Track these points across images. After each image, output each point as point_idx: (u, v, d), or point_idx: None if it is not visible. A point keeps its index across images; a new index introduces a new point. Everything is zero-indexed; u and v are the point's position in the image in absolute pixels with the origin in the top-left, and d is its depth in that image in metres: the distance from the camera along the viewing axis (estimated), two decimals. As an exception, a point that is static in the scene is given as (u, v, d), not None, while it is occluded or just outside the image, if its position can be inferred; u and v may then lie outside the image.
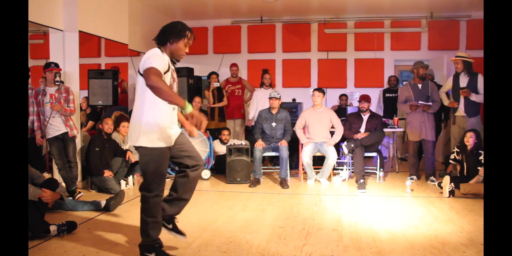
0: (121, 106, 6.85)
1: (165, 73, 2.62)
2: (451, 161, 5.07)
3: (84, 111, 6.83)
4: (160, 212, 2.85)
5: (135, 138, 2.71)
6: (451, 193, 4.74)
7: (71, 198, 4.58)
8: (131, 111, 6.81)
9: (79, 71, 5.34)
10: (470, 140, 4.99)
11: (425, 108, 5.59)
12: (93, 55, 8.03)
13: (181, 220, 3.81)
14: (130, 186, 5.38)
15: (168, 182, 3.03)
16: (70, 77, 5.23)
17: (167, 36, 2.74)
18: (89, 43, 7.87)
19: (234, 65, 7.58)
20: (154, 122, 2.67)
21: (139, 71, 2.65)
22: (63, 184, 4.59)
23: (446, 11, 7.62)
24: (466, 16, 7.72)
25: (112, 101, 6.46)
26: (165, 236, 3.37)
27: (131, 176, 5.43)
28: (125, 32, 6.32)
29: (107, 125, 5.20)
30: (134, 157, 5.46)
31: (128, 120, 5.76)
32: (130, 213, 4.11)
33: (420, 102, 5.56)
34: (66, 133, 4.74)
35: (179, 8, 7.67)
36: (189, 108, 2.49)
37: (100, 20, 5.69)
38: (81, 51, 5.31)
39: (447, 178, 4.86)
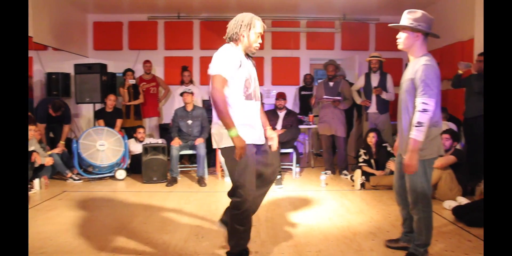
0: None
1: (239, 68, 2.58)
2: (360, 164, 5.30)
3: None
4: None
5: (221, 139, 2.63)
6: (362, 185, 5.01)
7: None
8: (37, 109, 6.32)
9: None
10: (373, 140, 5.28)
11: (336, 104, 5.85)
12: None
13: (94, 223, 3.63)
14: (36, 190, 4.97)
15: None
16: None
17: (236, 29, 2.65)
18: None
19: (147, 61, 7.37)
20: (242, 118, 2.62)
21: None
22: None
23: (358, 14, 8.01)
24: (375, 20, 8.17)
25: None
26: (77, 239, 3.19)
27: (37, 179, 5.03)
28: (28, 23, 5.83)
29: None
30: (40, 158, 5.08)
31: (34, 122, 5.33)
32: (36, 219, 3.80)
33: (324, 96, 5.85)
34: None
35: (91, 1, 7.27)
36: (232, 133, 2.49)
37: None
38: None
39: (358, 172, 5.12)
